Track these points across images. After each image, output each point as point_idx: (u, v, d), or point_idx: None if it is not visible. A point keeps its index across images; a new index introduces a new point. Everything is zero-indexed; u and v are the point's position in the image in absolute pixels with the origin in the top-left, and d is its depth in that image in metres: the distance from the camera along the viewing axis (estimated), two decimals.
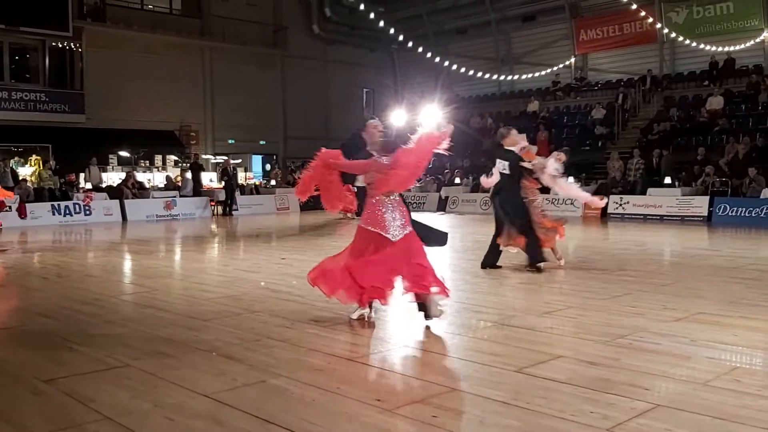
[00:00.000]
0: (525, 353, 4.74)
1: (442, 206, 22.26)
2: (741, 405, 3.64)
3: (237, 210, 21.86)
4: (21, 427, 3.48)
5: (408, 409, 3.68)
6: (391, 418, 3.56)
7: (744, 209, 16.11)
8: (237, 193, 22.60)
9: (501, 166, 8.51)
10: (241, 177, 26.92)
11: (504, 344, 5.04)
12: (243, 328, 5.61)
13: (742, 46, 22.56)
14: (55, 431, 3.42)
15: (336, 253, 5.88)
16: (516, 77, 28.98)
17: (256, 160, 30.10)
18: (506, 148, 8.60)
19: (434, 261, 5.96)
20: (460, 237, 14.11)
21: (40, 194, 19.70)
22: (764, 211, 15.75)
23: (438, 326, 5.58)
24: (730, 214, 16.38)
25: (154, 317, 6.16)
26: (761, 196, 16.17)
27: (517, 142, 8.59)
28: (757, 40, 22.52)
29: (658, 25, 23.75)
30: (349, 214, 17.91)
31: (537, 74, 28.12)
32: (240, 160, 28.69)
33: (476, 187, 22.67)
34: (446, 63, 28.57)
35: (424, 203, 23.11)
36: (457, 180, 23.68)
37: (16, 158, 23.34)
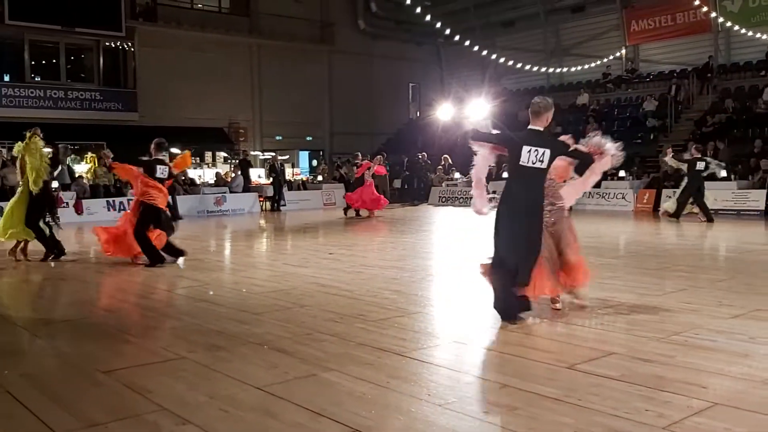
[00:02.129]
0: (577, 349, 4.69)
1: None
2: None
3: (285, 205, 22.09)
4: (82, 417, 3.60)
5: (458, 405, 3.67)
6: (441, 413, 3.56)
7: None
8: (284, 189, 22.83)
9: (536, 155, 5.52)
10: (289, 173, 27.20)
11: (556, 340, 4.99)
12: (293, 322, 5.67)
13: None
14: (114, 421, 3.52)
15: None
16: (565, 69, 28.54)
17: (303, 156, 30.37)
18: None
19: (483, 256, 5.93)
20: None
21: (95, 191, 20.24)
22: None
23: (487, 321, 5.55)
24: None
25: (207, 311, 6.28)
26: None
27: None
28: None
29: (713, 14, 23.08)
30: None
31: (587, 66, 27.63)
32: (287, 156, 28.99)
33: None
34: (494, 56, 28.30)
35: (471, 197, 22.91)
36: (505, 174, 23.46)
37: (73, 156, 24.06)
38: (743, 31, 22.76)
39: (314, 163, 30.30)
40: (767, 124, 19.76)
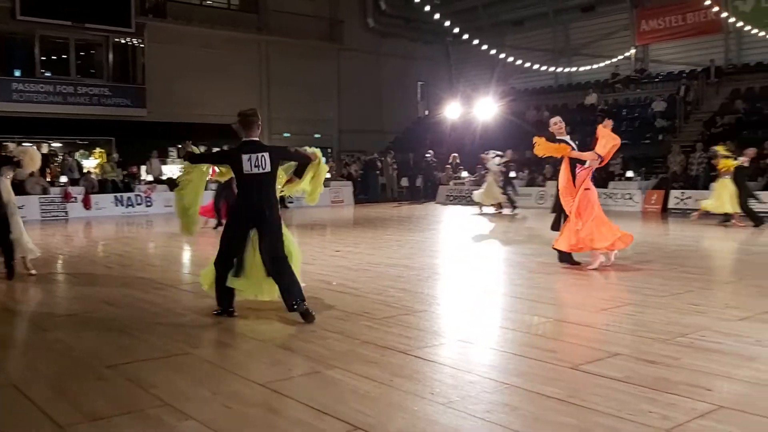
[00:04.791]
0: (581, 350, 4.67)
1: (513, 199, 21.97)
2: None
3: (292, 202, 22.11)
4: (86, 411, 3.61)
5: (461, 404, 3.66)
6: (444, 412, 3.56)
7: None
8: None
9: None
10: None
11: (560, 340, 4.97)
12: (298, 319, 5.67)
13: None
14: (118, 415, 3.53)
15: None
16: (574, 69, 28.42)
17: None
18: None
19: (489, 255, 5.92)
20: (514, 231, 13.98)
21: (103, 186, 20.33)
22: None
23: (492, 321, 5.54)
24: None
25: (212, 306, 6.26)
26: None
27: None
28: None
29: (724, 15, 22.93)
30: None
31: (595, 66, 27.51)
32: None
33: (532, 181, 22.41)
34: (502, 55, 28.22)
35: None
36: (512, 174, 23.41)
37: (81, 151, 24.17)
38: (755, 31, 22.61)
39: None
40: None
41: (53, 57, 24.16)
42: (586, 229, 8.01)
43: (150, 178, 22.25)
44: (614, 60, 26.91)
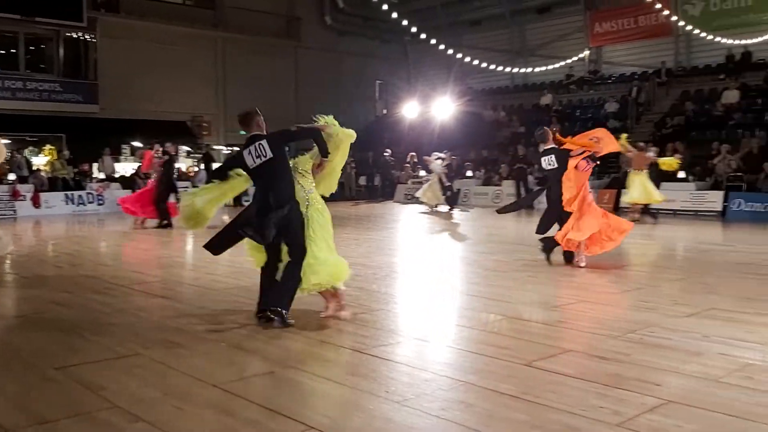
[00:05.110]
0: (535, 347, 4.72)
1: (452, 199, 22.16)
2: (754, 402, 3.60)
3: (249, 201, 21.90)
4: (33, 414, 3.51)
5: (416, 402, 3.67)
6: (399, 410, 3.56)
7: (759, 204, 15.93)
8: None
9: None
10: None
11: (514, 338, 5.02)
12: (253, 318, 5.61)
13: (759, 39, 22.25)
14: (65, 418, 3.44)
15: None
16: (530, 70, 28.79)
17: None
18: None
19: (446, 254, 5.94)
20: (472, 230, 14.10)
21: (54, 184, 19.82)
22: None
23: (448, 319, 5.57)
24: (744, 209, 16.21)
25: (165, 307, 6.19)
26: None
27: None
28: None
29: (674, 18, 23.48)
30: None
31: (551, 67, 27.91)
32: None
33: (488, 180, 22.61)
34: (460, 55, 28.41)
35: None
36: (469, 173, 23.61)
37: (31, 148, 23.52)
38: (703, 34, 23.22)
39: None
40: (725, 127, 20.19)
41: (1, 51, 23.51)
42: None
43: (102, 176, 21.78)
44: (569, 61, 27.33)
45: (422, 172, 24.34)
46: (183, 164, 25.59)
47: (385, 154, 25.77)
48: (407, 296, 7.14)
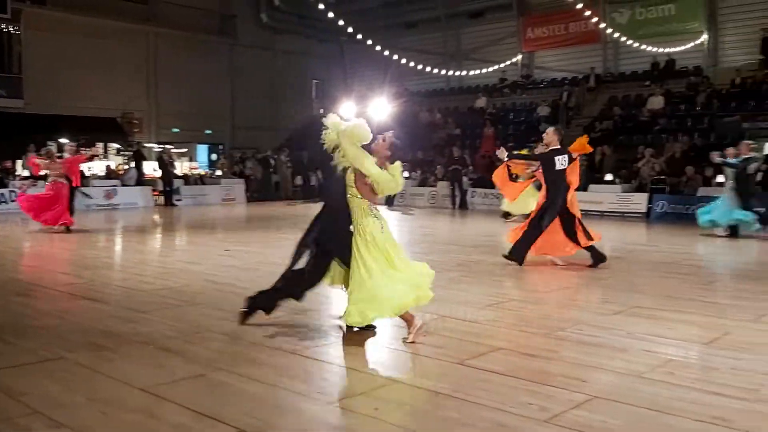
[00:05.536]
0: (467, 345, 4.78)
1: (389, 200, 22.30)
2: (674, 397, 3.74)
3: (180, 200, 21.45)
4: None
5: (349, 402, 3.67)
6: (331, 411, 3.55)
7: (681, 206, 16.58)
8: (181, 183, 22.21)
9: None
10: (186, 167, 26.44)
11: (446, 336, 5.07)
12: (183, 320, 5.50)
13: (683, 47, 23.23)
14: None
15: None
16: (464, 73, 29.19)
17: (202, 150, 29.58)
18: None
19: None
20: (408, 231, 14.17)
21: None
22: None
23: (384, 319, 5.57)
24: (667, 210, 16.84)
25: (91, 309, 5.99)
26: (697, 194, 16.67)
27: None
28: (697, 42, 23.23)
29: (603, 25, 24.22)
30: None
31: (485, 71, 28.37)
32: (186, 149, 28.16)
33: (424, 181, 22.79)
34: (396, 57, 28.57)
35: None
36: (405, 174, 23.77)
37: None
38: (630, 42, 24.03)
39: (214, 157, 29.57)
40: (651, 131, 20.94)
41: None
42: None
43: (26, 173, 20.92)
44: (502, 65, 27.85)
45: None
46: (112, 162, 24.88)
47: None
48: (341, 296, 7.10)
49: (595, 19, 24.05)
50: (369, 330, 5.10)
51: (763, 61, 21.11)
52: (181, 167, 25.75)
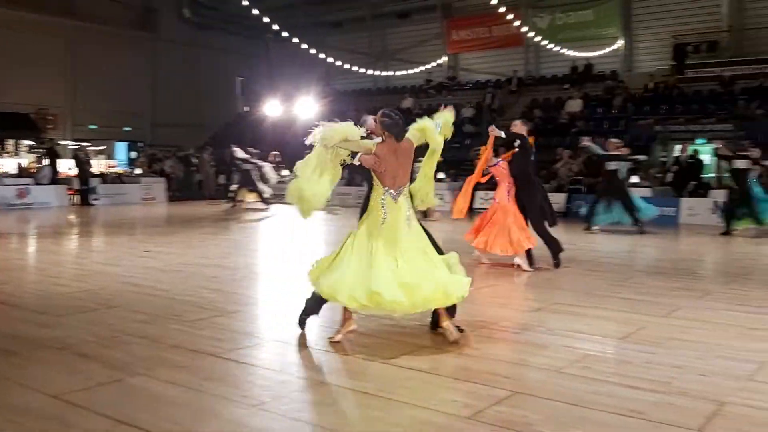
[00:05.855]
0: (391, 344, 4.80)
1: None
2: (591, 391, 3.85)
3: (98, 200, 20.71)
4: None
5: (273, 405, 3.61)
6: (255, 414, 3.49)
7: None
8: (98, 182, 21.45)
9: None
10: (104, 165, 25.54)
11: (370, 336, 5.07)
12: (99, 324, 5.30)
13: (600, 52, 24.10)
14: None
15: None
16: (391, 73, 29.36)
17: (121, 148, 28.64)
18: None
19: (307, 254, 5.89)
20: (336, 231, 14.12)
21: None
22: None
23: (308, 320, 5.53)
24: (584, 210, 17.37)
25: (0, 313, 5.70)
26: None
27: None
28: (614, 47, 24.15)
29: (525, 29, 24.81)
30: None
31: (411, 71, 28.63)
32: (104, 147, 27.21)
33: (351, 181, 22.75)
34: (322, 55, 28.46)
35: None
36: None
37: None
38: (550, 46, 24.72)
39: (133, 155, 28.67)
40: (569, 133, 21.58)
41: None
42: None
43: None
44: (428, 66, 28.17)
45: (285, 171, 24.11)
46: (24, 160, 23.81)
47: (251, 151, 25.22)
48: (266, 298, 7.03)
49: (517, 23, 24.60)
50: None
51: (674, 67, 22.10)
52: (98, 165, 24.84)
